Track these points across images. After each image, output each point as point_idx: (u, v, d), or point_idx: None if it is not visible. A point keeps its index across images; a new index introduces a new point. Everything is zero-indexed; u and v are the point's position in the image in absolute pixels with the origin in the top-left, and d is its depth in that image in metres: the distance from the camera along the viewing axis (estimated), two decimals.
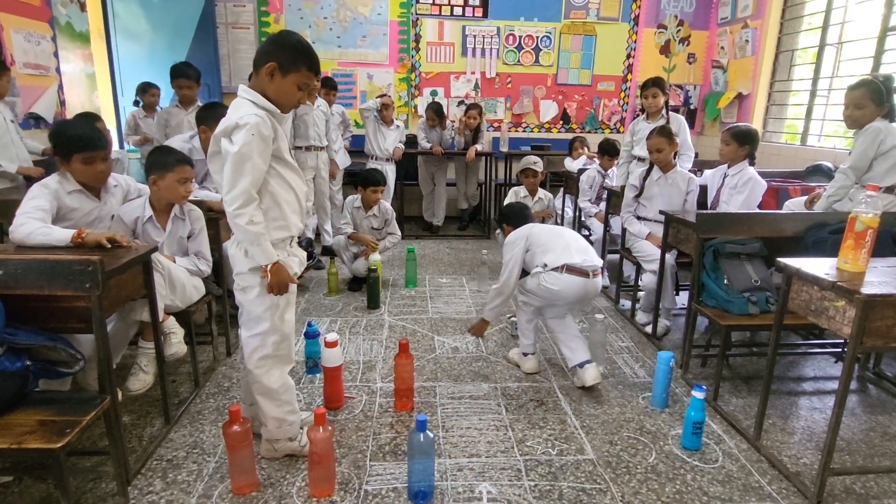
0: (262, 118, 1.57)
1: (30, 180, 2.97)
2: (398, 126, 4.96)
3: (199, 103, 3.64)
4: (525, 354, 2.62)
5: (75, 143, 1.97)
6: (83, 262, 1.50)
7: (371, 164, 4.69)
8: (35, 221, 1.82)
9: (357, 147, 5.02)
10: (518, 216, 2.74)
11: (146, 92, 4.42)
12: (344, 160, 4.73)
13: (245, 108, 1.60)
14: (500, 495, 1.77)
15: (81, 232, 1.81)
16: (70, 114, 4.07)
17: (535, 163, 3.90)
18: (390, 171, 4.88)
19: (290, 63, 1.61)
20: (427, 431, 1.67)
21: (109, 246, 1.80)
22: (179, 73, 3.52)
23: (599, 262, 2.42)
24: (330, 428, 1.70)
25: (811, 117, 4.56)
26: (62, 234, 1.80)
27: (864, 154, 2.52)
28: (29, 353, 1.54)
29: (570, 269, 2.33)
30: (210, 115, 2.69)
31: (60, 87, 4.12)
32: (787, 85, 4.88)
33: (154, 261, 1.95)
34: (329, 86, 4.54)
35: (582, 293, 2.37)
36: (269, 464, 1.88)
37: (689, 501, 1.76)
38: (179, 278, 2.19)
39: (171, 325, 2.14)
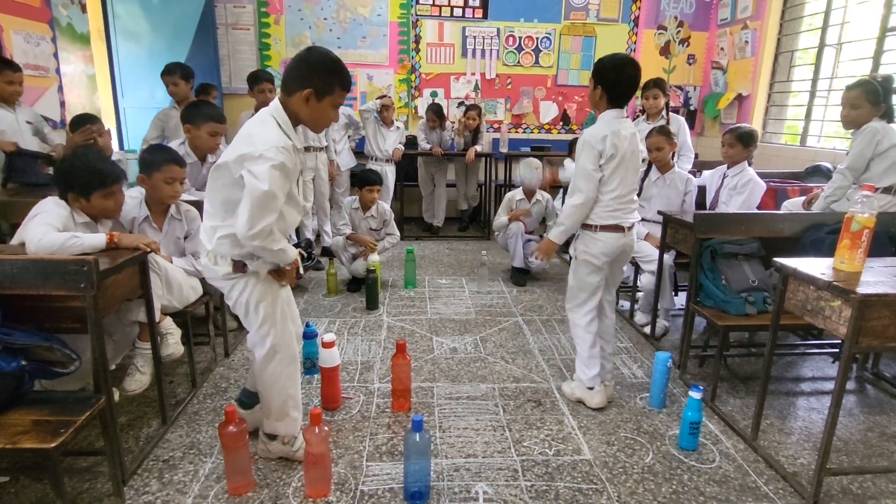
0: (287, 153, 1.53)
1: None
2: (398, 127, 4.97)
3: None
4: (590, 388, 2.30)
5: (94, 180, 1.90)
6: (78, 262, 1.50)
7: (371, 165, 4.70)
8: (59, 233, 1.78)
9: (358, 148, 5.02)
10: None
11: (208, 94, 4.22)
12: (349, 161, 4.74)
13: (271, 133, 1.55)
14: (496, 495, 1.76)
15: (114, 236, 1.83)
16: (70, 115, 4.07)
17: (536, 167, 3.91)
18: (390, 173, 4.89)
19: (325, 86, 1.58)
20: (423, 431, 1.67)
21: (148, 249, 1.87)
22: (164, 71, 3.53)
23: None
24: (326, 429, 1.70)
25: (811, 118, 4.55)
26: (94, 241, 1.79)
27: (861, 154, 2.52)
28: (25, 354, 1.54)
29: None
30: (195, 114, 2.67)
31: (60, 88, 4.12)
32: (787, 86, 4.87)
33: (150, 261, 1.96)
34: None
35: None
36: (265, 464, 1.88)
37: (685, 501, 1.75)
38: (176, 278, 2.19)
39: (168, 325, 2.15)
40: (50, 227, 1.77)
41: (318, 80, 1.57)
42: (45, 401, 1.56)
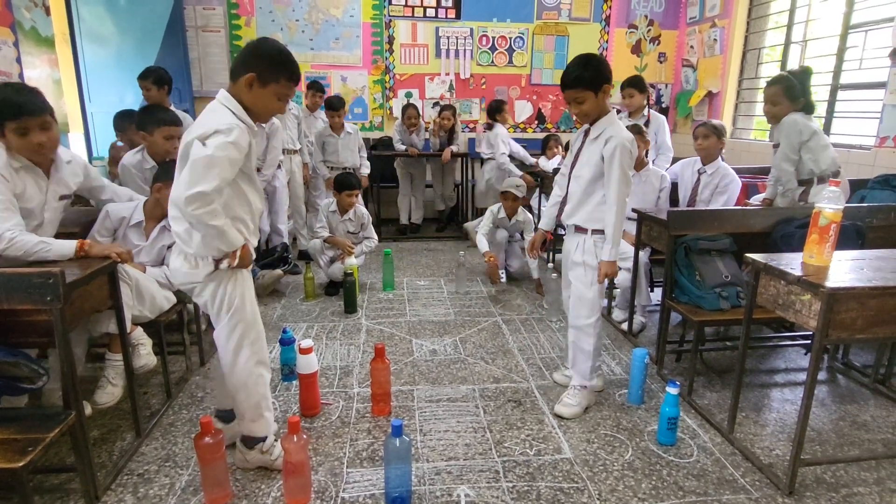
0: (241, 129, 1.53)
1: None
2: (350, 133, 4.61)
3: (173, 108, 3.56)
4: (591, 383, 2.30)
5: (3, 110, 1.73)
6: (43, 274, 1.45)
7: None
8: (29, 236, 1.71)
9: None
10: None
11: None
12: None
13: (225, 116, 1.55)
14: (478, 498, 1.76)
15: (84, 244, 1.78)
16: None
17: (518, 186, 3.79)
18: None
19: (269, 74, 1.58)
20: (403, 436, 1.66)
21: (118, 259, 1.80)
22: (140, 76, 3.44)
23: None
24: (305, 436, 1.67)
25: None
26: (64, 249, 1.74)
27: (789, 143, 2.63)
28: None
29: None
30: (148, 120, 2.55)
31: None
32: (755, 82, 4.98)
33: (120, 271, 1.91)
34: (315, 88, 4.53)
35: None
36: (243, 475, 1.85)
37: (664, 497, 1.78)
38: (148, 288, 2.14)
39: (139, 336, 2.09)
40: (12, 227, 1.70)
41: (261, 65, 1.57)
42: (11, 418, 1.50)
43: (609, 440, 2.09)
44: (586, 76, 1.99)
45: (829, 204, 1.71)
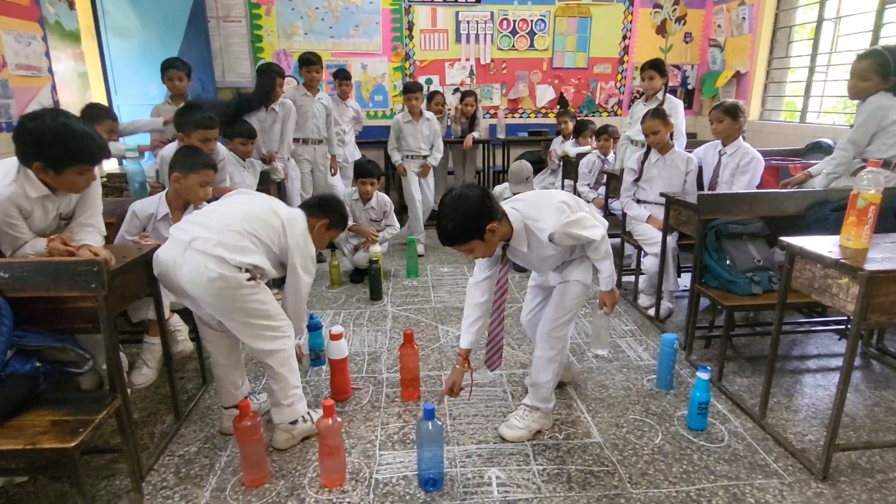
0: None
1: None
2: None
3: (190, 99, 3.61)
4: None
5: (74, 155, 1.66)
6: (89, 262, 1.50)
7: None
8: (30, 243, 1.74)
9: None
10: None
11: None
12: (354, 153, 4.73)
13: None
14: (508, 480, 1.79)
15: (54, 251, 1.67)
16: None
17: (528, 179, 3.78)
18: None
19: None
20: (435, 419, 1.68)
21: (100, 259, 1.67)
22: (169, 65, 3.49)
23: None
24: (339, 419, 1.71)
25: (810, 94, 4.53)
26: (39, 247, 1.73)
27: (865, 127, 2.50)
28: (38, 355, 1.55)
29: None
30: (184, 122, 2.59)
31: (53, 87, 4.08)
32: (786, 62, 4.85)
33: None
34: (341, 76, 4.53)
35: None
36: (279, 456, 1.90)
37: (695, 481, 1.78)
38: None
39: (176, 322, 2.16)
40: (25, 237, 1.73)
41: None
42: (61, 401, 1.56)
43: (638, 425, 2.09)
44: (458, 232, 1.68)
45: (869, 185, 1.67)
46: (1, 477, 1.73)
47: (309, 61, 4.07)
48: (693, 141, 4.10)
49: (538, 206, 1.79)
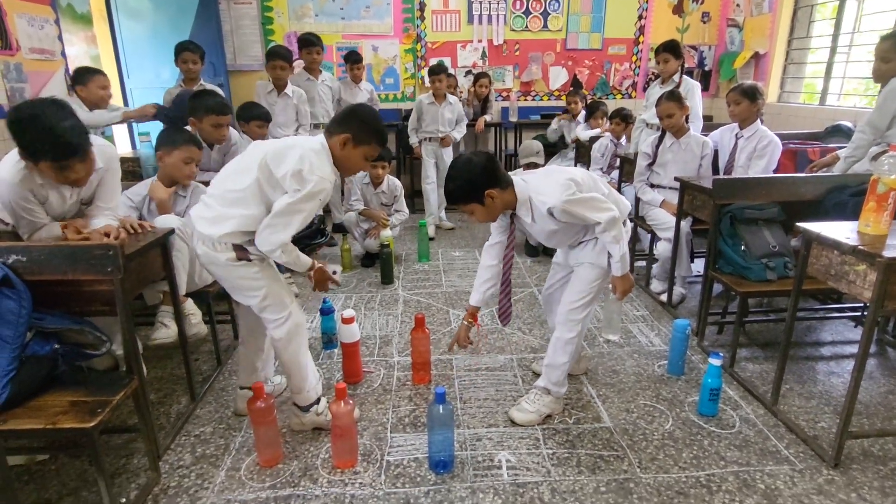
0: (329, 187, 1.67)
1: None
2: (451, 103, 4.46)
3: (203, 82, 3.61)
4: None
5: (46, 149, 1.61)
6: (104, 246, 1.52)
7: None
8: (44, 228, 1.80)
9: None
10: None
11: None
12: None
13: (326, 166, 1.67)
14: (518, 463, 1.80)
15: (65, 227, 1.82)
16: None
17: (538, 153, 3.66)
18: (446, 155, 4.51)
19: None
20: (446, 403, 1.70)
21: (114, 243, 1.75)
22: (183, 48, 3.49)
23: None
24: (351, 402, 1.73)
25: (831, 75, 4.42)
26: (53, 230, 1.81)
27: (884, 109, 2.44)
28: (57, 337, 1.58)
29: None
30: (197, 106, 2.63)
31: (66, 70, 4.10)
32: (806, 42, 4.72)
33: (180, 235, 2.01)
34: (353, 59, 4.44)
35: None
36: (293, 437, 1.93)
37: (705, 466, 1.78)
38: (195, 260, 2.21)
39: (189, 306, 2.18)
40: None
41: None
42: (79, 382, 1.60)
43: (648, 410, 2.09)
44: (458, 193, 1.80)
45: (889, 170, 1.63)
46: (23, 455, 1.78)
47: (308, 42, 3.99)
48: (709, 124, 4.03)
49: (546, 180, 1.84)
